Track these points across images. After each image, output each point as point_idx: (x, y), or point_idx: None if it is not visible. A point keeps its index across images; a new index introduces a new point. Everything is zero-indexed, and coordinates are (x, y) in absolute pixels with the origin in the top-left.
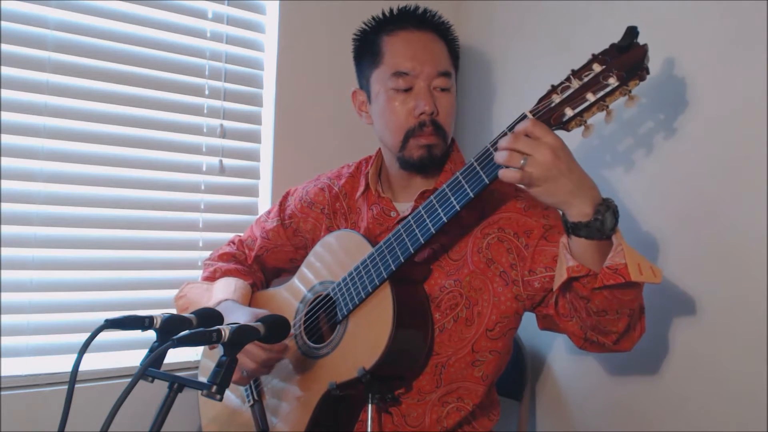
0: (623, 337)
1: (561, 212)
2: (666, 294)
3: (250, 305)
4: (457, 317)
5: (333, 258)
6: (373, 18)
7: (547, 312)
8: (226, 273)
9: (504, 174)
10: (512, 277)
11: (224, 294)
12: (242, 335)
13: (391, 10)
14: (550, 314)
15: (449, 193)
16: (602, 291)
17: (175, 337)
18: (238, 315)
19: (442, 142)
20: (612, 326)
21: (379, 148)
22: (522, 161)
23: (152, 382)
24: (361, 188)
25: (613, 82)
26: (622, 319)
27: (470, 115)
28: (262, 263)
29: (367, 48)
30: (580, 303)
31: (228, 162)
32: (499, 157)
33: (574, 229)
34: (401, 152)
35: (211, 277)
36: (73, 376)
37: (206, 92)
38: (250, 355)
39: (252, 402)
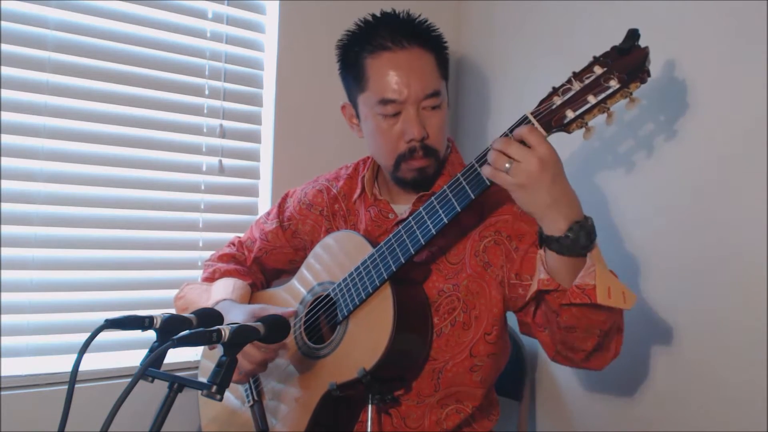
0: (593, 356)
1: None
2: (666, 296)
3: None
4: (454, 321)
5: (332, 259)
6: (356, 26)
7: (524, 319)
8: (226, 273)
9: (483, 169)
10: (500, 278)
11: (223, 294)
12: (242, 335)
13: (374, 17)
14: (528, 322)
15: (450, 195)
16: (570, 308)
17: (175, 337)
18: (236, 314)
19: (434, 162)
20: (580, 344)
21: None
22: (507, 165)
23: (152, 382)
24: (358, 191)
25: (614, 84)
26: (591, 338)
27: (470, 116)
28: (262, 264)
29: (350, 68)
30: (551, 315)
31: (228, 162)
32: (489, 156)
33: (546, 242)
34: (394, 173)
35: (211, 278)
36: (73, 376)
37: (206, 92)
38: (247, 356)
39: (252, 402)
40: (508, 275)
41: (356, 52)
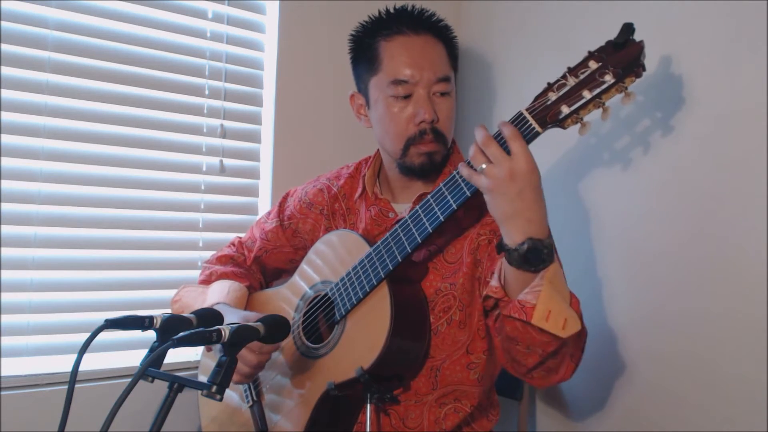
0: (535, 373)
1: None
2: (665, 294)
3: (246, 306)
4: (450, 320)
5: (334, 256)
6: (370, 18)
7: (488, 320)
8: (222, 276)
9: (461, 168)
10: (477, 275)
11: (218, 297)
12: (242, 335)
13: (387, 11)
14: (489, 324)
15: (446, 192)
16: (513, 320)
17: (175, 337)
18: (229, 318)
19: (443, 148)
20: (521, 358)
21: (378, 150)
22: (483, 166)
23: (152, 382)
24: (359, 190)
25: (609, 79)
26: (533, 355)
27: (470, 114)
28: (262, 264)
29: (363, 53)
30: (501, 323)
31: (228, 162)
32: (470, 150)
33: (500, 248)
34: (402, 159)
35: (207, 280)
36: (73, 376)
37: (206, 92)
38: (242, 359)
39: (251, 402)
40: (484, 273)
41: (370, 37)
